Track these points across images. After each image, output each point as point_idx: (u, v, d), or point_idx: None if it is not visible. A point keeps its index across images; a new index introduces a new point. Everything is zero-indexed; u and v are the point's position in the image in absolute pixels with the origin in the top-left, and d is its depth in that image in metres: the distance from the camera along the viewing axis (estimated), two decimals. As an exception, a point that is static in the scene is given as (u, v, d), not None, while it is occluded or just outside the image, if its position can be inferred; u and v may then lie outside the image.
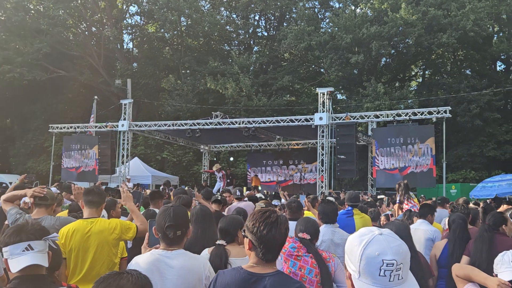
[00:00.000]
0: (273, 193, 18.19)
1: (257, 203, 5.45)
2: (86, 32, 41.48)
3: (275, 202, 9.87)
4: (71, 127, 24.05)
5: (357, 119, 19.20)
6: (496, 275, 2.93)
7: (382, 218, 8.37)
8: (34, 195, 4.57)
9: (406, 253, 1.78)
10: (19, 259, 2.54)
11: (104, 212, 5.25)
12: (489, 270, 3.16)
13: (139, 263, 3.16)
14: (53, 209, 4.83)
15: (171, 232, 3.09)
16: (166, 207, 3.22)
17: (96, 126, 23.57)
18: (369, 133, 20.91)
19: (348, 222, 6.60)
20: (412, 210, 7.30)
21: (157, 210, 6.28)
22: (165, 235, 3.12)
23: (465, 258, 4.86)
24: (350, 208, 6.96)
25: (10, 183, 17.21)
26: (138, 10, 41.29)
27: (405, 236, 3.81)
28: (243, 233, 2.73)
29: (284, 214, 6.09)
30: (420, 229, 6.15)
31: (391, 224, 3.96)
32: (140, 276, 1.83)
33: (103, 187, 13.19)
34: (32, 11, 38.73)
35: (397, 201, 9.56)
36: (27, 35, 36.67)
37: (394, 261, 1.72)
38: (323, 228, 5.23)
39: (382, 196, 12.17)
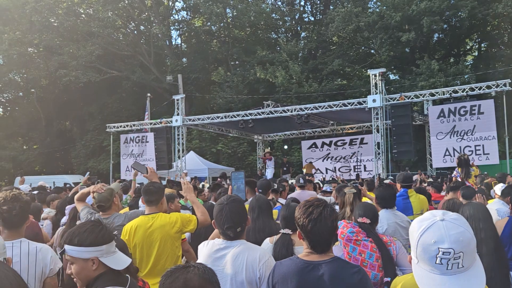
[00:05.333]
0: (330, 178, 18.11)
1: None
2: (135, 31, 42.33)
3: (326, 187, 9.74)
4: (127, 125, 24.51)
5: (412, 98, 18.69)
6: None
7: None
8: (94, 190, 4.80)
9: (468, 240, 1.70)
10: (116, 257, 2.60)
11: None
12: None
13: (202, 251, 3.22)
14: (117, 205, 5.04)
15: (231, 232, 3.10)
16: (221, 206, 3.17)
17: (151, 123, 24.01)
18: (425, 112, 20.36)
19: (406, 205, 6.32)
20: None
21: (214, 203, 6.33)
22: (226, 233, 3.12)
23: None
24: (404, 189, 6.57)
25: (74, 183, 17.83)
26: (184, 5, 41.72)
27: (484, 217, 3.67)
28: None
29: (334, 202, 5.96)
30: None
31: (469, 205, 3.82)
32: (206, 269, 1.84)
33: (167, 178, 13.45)
34: (83, 15, 39.80)
35: (457, 176, 9.02)
36: (79, 38, 37.81)
37: (451, 250, 1.66)
38: (383, 212, 5.12)
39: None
